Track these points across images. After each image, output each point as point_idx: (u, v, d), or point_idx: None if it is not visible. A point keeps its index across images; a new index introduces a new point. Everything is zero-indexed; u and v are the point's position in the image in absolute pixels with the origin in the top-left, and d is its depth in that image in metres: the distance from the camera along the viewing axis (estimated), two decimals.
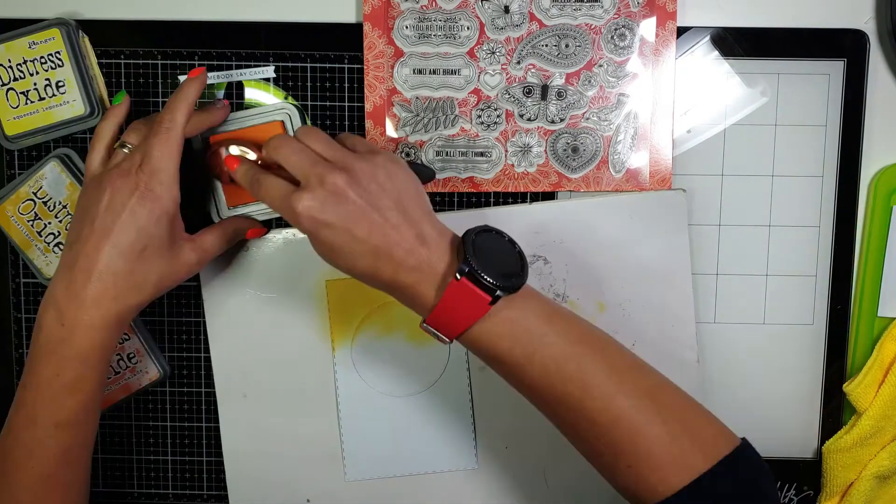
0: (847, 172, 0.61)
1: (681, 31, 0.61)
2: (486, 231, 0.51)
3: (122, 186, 0.51)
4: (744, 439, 0.48)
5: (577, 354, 0.48)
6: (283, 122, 0.60)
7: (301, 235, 0.60)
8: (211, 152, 0.59)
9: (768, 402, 0.63)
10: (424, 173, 0.60)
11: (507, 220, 0.61)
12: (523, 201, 0.62)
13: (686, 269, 0.61)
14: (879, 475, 0.62)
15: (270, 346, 0.63)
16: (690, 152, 0.62)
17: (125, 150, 0.54)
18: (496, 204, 0.62)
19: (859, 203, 0.62)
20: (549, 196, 0.62)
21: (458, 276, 0.47)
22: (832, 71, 0.61)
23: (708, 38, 0.61)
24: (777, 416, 0.64)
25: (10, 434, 0.51)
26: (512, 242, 0.52)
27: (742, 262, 0.62)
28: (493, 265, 0.48)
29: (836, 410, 0.63)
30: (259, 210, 0.61)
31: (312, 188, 0.49)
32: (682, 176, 0.62)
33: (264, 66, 0.61)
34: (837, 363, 0.63)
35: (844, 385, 0.62)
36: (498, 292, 0.47)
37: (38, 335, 0.51)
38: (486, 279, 0.47)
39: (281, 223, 0.62)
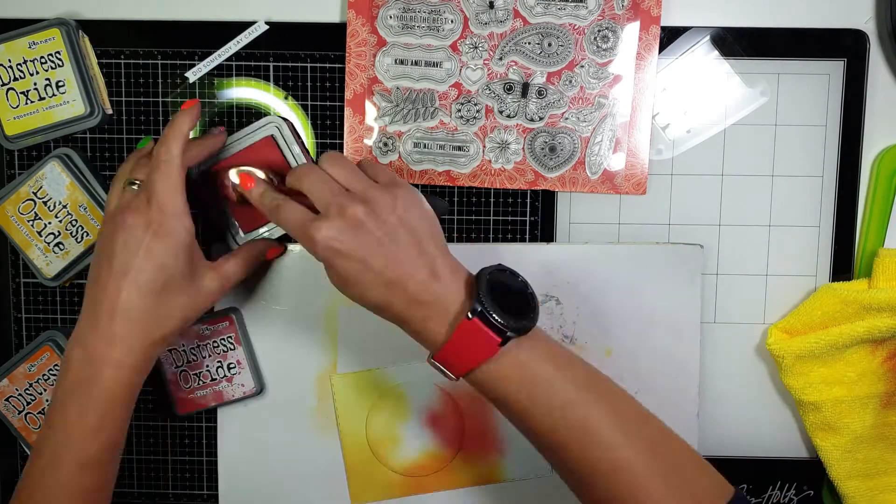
0: (847, 172, 0.61)
1: (680, 31, 0.61)
2: (500, 270, 0.50)
3: (135, 224, 0.51)
4: (737, 490, 0.48)
5: (583, 401, 0.48)
6: (272, 135, 0.59)
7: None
8: (212, 174, 0.59)
9: (768, 402, 0.63)
10: (440, 206, 0.60)
11: (522, 257, 0.61)
12: (535, 240, 0.62)
13: (695, 322, 0.61)
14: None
15: (275, 359, 0.63)
16: (690, 152, 0.62)
17: (134, 188, 0.53)
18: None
19: (859, 202, 0.62)
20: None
21: (470, 316, 0.47)
22: (832, 71, 0.61)
23: (708, 38, 0.61)
24: (777, 417, 0.64)
25: (32, 477, 0.51)
26: (525, 284, 0.51)
27: (742, 262, 0.62)
28: (506, 306, 0.48)
29: None
30: (273, 230, 0.60)
31: (332, 218, 0.49)
32: (682, 176, 0.62)
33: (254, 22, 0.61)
34: None
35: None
36: (508, 334, 0.47)
37: (64, 375, 0.51)
38: (497, 320, 0.47)
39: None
